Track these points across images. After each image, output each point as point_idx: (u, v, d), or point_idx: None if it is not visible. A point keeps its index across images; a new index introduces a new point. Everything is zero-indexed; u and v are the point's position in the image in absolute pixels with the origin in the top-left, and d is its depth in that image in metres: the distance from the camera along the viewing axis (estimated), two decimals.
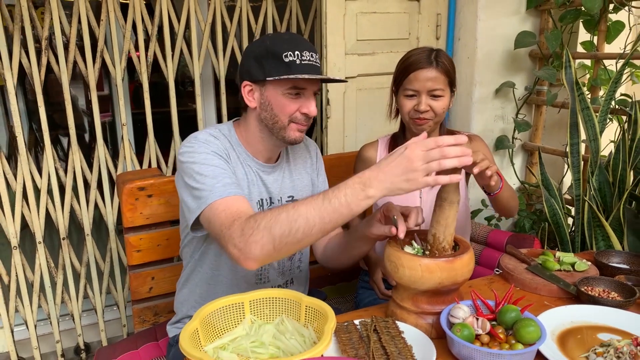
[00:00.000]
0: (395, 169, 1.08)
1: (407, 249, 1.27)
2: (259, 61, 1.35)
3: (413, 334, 1.19)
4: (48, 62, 2.10)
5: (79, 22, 2.12)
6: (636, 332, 1.21)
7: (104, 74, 2.80)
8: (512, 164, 2.65)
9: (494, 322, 1.18)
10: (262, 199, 1.49)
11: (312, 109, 1.39)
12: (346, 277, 2.15)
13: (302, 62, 1.33)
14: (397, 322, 1.22)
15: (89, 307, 2.49)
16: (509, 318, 1.15)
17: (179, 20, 2.30)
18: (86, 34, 2.14)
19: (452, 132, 1.85)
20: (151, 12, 2.26)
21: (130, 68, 2.32)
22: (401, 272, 1.20)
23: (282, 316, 1.23)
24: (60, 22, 2.09)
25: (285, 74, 1.32)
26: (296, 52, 1.32)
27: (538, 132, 2.66)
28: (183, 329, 1.08)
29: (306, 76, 1.31)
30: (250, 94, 1.41)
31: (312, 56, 1.35)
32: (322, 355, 1.06)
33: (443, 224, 1.22)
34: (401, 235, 1.23)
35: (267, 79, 1.34)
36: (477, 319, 1.15)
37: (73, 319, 2.40)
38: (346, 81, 1.45)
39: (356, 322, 1.24)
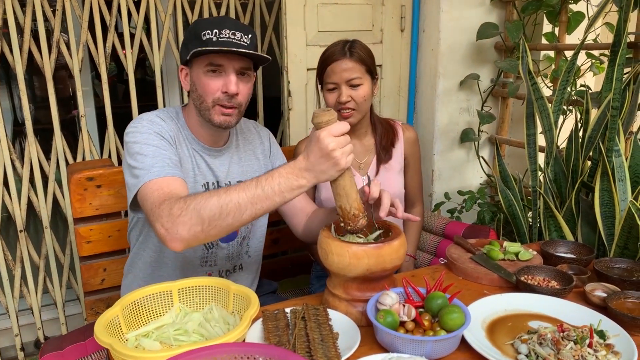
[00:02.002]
0: (323, 164, 1.14)
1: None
2: (185, 44, 1.39)
3: (342, 322, 1.18)
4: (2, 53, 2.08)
5: (34, 11, 2.09)
6: (567, 319, 1.20)
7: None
8: (478, 157, 2.64)
9: (421, 309, 1.17)
10: (207, 182, 1.49)
11: (230, 87, 1.36)
12: (303, 269, 2.14)
13: (220, 39, 1.32)
14: (328, 309, 1.21)
15: (50, 302, 2.47)
16: (435, 305, 1.14)
17: (138, 11, 2.28)
18: (41, 24, 2.12)
19: (386, 121, 1.86)
20: (109, 3, 2.24)
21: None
22: (330, 258, 1.19)
23: (212, 304, 1.22)
24: (14, 11, 2.06)
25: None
26: (214, 30, 1.32)
27: (504, 124, 2.65)
28: (101, 316, 1.07)
29: (213, 48, 1.30)
30: (186, 78, 1.44)
31: (233, 34, 1.33)
32: (244, 341, 1.05)
33: (343, 194, 1.20)
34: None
35: (187, 58, 1.36)
36: (404, 305, 1.14)
37: (32, 313, 2.38)
38: (269, 58, 1.40)
39: (287, 310, 1.23)
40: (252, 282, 1.69)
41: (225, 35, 1.32)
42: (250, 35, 1.37)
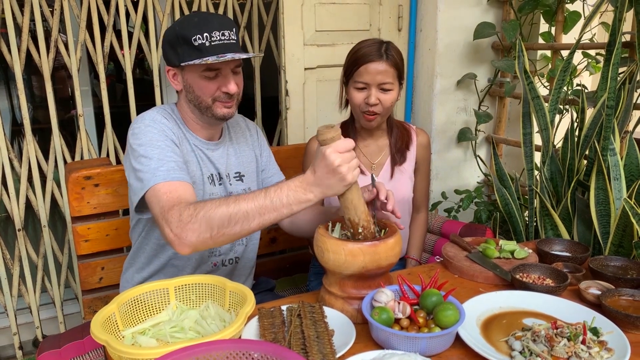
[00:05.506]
0: (330, 179, 1.16)
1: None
2: (172, 47, 1.38)
3: (338, 319, 1.19)
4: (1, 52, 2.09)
5: (32, 11, 2.10)
6: (561, 316, 1.21)
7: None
8: (475, 156, 2.65)
9: (416, 307, 1.18)
10: (212, 174, 1.52)
11: (230, 87, 1.41)
12: (300, 268, 2.14)
13: (212, 43, 1.34)
14: (324, 307, 1.22)
15: (49, 301, 2.47)
16: (430, 302, 1.15)
17: (136, 11, 2.29)
18: (39, 24, 2.12)
19: (401, 124, 1.85)
20: (107, 3, 2.25)
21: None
22: (326, 256, 1.19)
23: (208, 302, 1.23)
24: (12, 11, 2.07)
25: (197, 58, 1.34)
26: (205, 34, 1.33)
27: (501, 123, 2.66)
28: (97, 313, 1.08)
29: (211, 59, 1.31)
30: (174, 78, 1.45)
31: (222, 35, 1.35)
32: (239, 338, 1.06)
33: (351, 207, 1.22)
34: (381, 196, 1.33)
35: (182, 64, 1.37)
36: (399, 303, 1.15)
37: (31, 312, 2.39)
38: (255, 55, 1.47)
39: (283, 307, 1.23)
40: (249, 275, 1.71)
41: (217, 37, 1.34)
42: (234, 29, 1.40)
